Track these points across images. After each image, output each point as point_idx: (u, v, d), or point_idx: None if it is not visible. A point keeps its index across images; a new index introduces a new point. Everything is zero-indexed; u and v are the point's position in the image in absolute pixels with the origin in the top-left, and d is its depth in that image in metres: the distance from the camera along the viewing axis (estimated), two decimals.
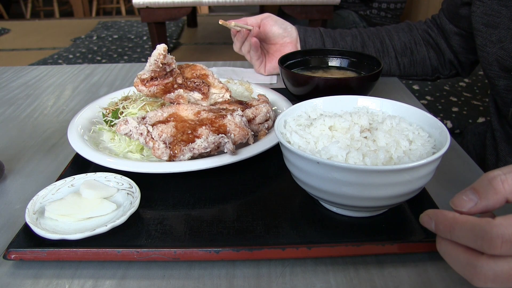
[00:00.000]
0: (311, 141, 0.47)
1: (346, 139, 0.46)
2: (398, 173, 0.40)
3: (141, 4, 2.46)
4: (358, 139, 0.46)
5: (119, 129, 0.57)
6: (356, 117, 0.50)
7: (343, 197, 0.43)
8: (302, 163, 0.43)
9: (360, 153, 0.43)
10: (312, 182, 0.44)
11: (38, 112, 0.83)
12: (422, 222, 0.38)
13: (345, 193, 0.42)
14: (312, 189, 0.45)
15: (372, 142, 0.46)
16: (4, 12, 5.26)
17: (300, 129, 0.49)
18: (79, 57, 3.16)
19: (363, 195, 0.42)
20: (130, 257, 0.43)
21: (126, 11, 5.37)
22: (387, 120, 0.50)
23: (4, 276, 0.43)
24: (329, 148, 0.44)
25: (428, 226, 0.37)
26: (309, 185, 0.45)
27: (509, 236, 0.30)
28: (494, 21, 0.70)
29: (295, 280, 0.42)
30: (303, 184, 0.46)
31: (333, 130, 0.49)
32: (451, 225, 0.34)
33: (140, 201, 0.48)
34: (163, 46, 0.63)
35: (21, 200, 0.55)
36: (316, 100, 0.55)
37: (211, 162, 0.54)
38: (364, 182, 0.40)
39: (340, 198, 0.43)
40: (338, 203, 0.45)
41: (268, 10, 4.80)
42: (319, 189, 0.44)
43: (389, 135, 0.47)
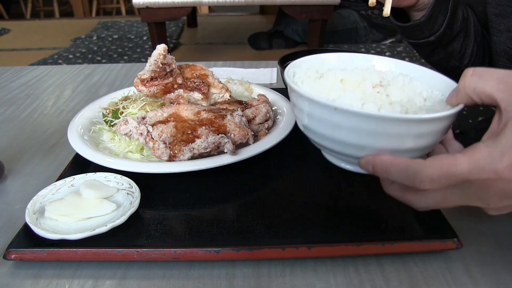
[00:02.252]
0: (323, 92, 0.45)
1: (358, 92, 0.44)
2: (419, 124, 0.38)
3: (141, 4, 2.46)
4: (371, 93, 0.44)
5: (119, 129, 0.57)
6: (367, 73, 0.48)
7: (354, 147, 0.41)
8: (317, 110, 0.41)
9: (376, 105, 0.41)
10: (325, 131, 0.42)
11: (38, 112, 0.83)
12: (361, 165, 0.41)
13: (357, 143, 0.40)
14: (323, 138, 0.43)
15: (385, 97, 0.44)
16: (4, 12, 5.25)
17: (310, 80, 0.48)
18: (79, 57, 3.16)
19: (376, 145, 0.40)
20: (130, 257, 0.43)
21: (126, 11, 5.37)
22: (399, 77, 0.48)
23: (4, 276, 0.43)
24: (343, 98, 0.42)
25: (366, 169, 0.40)
26: (320, 134, 0.43)
27: (436, 176, 0.35)
28: (505, 11, 0.69)
29: (295, 280, 0.42)
30: (313, 133, 0.44)
31: (344, 83, 0.47)
32: (387, 168, 0.38)
33: (140, 201, 0.48)
34: (163, 46, 0.63)
35: (21, 200, 0.55)
36: (325, 55, 0.54)
37: (211, 162, 0.54)
38: (380, 131, 0.38)
39: (351, 148, 0.41)
40: (347, 154, 0.43)
41: (268, 10, 4.80)
42: (331, 139, 0.42)
43: (403, 91, 0.45)
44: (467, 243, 0.46)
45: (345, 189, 0.54)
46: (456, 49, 0.80)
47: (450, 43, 0.78)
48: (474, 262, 0.43)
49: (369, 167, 0.40)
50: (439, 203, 0.38)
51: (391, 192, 0.42)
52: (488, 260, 0.44)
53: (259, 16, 4.86)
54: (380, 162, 0.39)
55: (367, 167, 0.40)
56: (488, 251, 0.45)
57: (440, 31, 0.74)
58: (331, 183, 0.56)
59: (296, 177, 0.57)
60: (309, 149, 0.65)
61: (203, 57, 3.13)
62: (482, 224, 0.49)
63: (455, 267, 0.43)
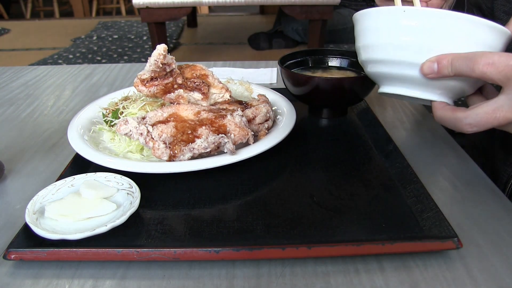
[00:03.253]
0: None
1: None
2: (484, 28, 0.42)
3: (141, 4, 2.46)
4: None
5: (119, 129, 0.57)
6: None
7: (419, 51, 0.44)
8: (385, 19, 0.44)
9: None
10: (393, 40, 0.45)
11: (38, 112, 0.83)
12: (425, 68, 0.45)
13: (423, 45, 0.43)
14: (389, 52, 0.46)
15: None
16: (4, 12, 5.25)
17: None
18: (79, 57, 3.16)
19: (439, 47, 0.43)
20: (130, 257, 0.43)
21: (126, 11, 5.36)
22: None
23: (4, 276, 0.43)
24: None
25: (431, 69, 0.44)
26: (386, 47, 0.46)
27: (494, 60, 0.41)
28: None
29: (295, 280, 0.42)
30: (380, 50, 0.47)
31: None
32: (452, 60, 0.43)
33: (140, 201, 0.48)
34: (163, 46, 0.63)
35: (21, 200, 0.55)
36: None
37: (211, 162, 0.54)
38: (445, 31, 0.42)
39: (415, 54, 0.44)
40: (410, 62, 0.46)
41: (268, 10, 4.80)
42: (397, 46, 0.45)
43: None
44: (467, 243, 0.46)
45: (345, 189, 0.54)
46: None
47: None
48: (474, 262, 0.43)
49: (434, 66, 0.44)
50: (490, 116, 0.43)
51: (441, 114, 0.47)
52: (488, 260, 0.44)
53: (259, 16, 4.86)
54: (444, 55, 0.43)
55: (432, 66, 0.44)
56: (488, 251, 0.45)
57: None
58: (331, 183, 0.56)
59: (296, 177, 0.57)
60: (309, 149, 0.65)
61: (203, 57, 3.13)
62: (482, 224, 0.49)
63: (455, 267, 0.43)
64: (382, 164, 0.60)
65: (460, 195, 0.54)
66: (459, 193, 0.55)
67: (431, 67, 0.44)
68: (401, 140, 0.68)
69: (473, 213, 0.51)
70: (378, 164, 0.60)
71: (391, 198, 0.52)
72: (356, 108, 0.79)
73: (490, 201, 0.53)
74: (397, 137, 0.69)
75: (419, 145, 0.67)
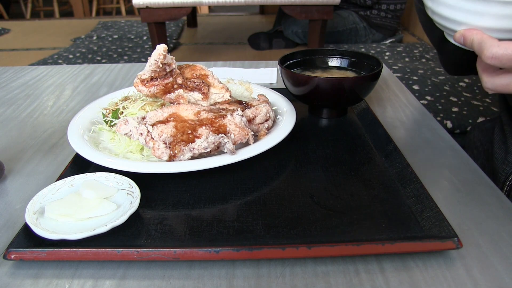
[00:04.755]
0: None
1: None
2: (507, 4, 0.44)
3: (141, 4, 2.46)
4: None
5: (119, 129, 0.57)
6: None
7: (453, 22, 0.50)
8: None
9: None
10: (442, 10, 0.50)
11: (38, 112, 0.84)
12: (456, 38, 0.50)
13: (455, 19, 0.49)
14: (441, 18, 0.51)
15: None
16: (4, 12, 5.25)
17: None
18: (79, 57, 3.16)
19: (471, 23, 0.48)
20: (130, 257, 0.43)
21: (126, 11, 5.36)
22: None
23: (4, 276, 0.43)
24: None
25: (459, 40, 0.50)
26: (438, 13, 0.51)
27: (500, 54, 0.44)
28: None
29: (295, 280, 0.42)
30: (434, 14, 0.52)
31: None
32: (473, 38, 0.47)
33: (140, 201, 0.48)
34: (163, 46, 0.63)
35: (21, 200, 0.55)
36: None
37: (211, 162, 0.54)
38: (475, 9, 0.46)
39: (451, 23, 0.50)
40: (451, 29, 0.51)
41: (268, 10, 4.80)
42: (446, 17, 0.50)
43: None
44: (467, 243, 0.46)
45: (345, 189, 0.54)
46: None
47: None
48: (474, 262, 0.43)
49: (461, 39, 0.49)
50: (504, 87, 0.47)
51: (477, 67, 0.51)
52: (488, 260, 0.44)
53: (259, 16, 4.86)
54: (469, 34, 0.48)
55: (460, 39, 0.49)
56: (488, 251, 0.45)
57: None
58: (331, 183, 0.56)
59: (296, 177, 0.57)
60: (309, 149, 0.65)
61: (203, 57, 3.13)
62: (482, 224, 0.49)
63: (455, 267, 0.43)
64: (382, 164, 0.60)
65: (460, 195, 0.54)
66: (459, 193, 0.55)
67: (460, 39, 0.50)
68: (401, 140, 0.68)
69: (473, 213, 0.51)
70: (378, 164, 0.60)
71: (391, 198, 0.52)
72: (356, 108, 0.79)
73: (490, 201, 0.53)
74: (397, 137, 0.69)
75: (419, 145, 0.67)
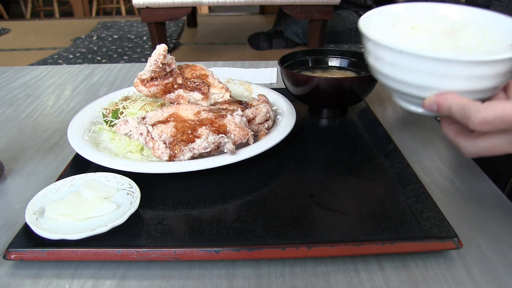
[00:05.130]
0: (393, 38, 0.47)
1: (427, 38, 0.47)
2: (477, 65, 0.40)
3: (141, 4, 2.46)
4: (440, 38, 0.46)
5: (119, 129, 0.57)
6: (439, 21, 0.50)
7: (419, 88, 0.43)
8: (385, 54, 0.43)
9: (444, 50, 0.44)
10: (394, 74, 0.44)
11: (38, 112, 0.83)
12: (425, 106, 0.44)
13: (421, 84, 0.43)
14: (393, 81, 0.46)
15: (453, 42, 0.46)
16: (4, 12, 5.25)
17: (382, 27, 0.50)
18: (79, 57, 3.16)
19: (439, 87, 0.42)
20: (130, 257, 0.43)
21: (126, 11, 5.36)
22: (470, 24, 0.49)
23: (4, 276, 0.43)
24: (411, 42, 0.45)
25: (431, 108, 0.43)
26: (390, 77, 0.45)
27: (490, 118, 0.38)
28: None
29: (295, 280, 0.42)
30: (384, 76, 0.47)
31: (414, 30, 0.49)
32: (450, 104, 0.41)
33: (140, 201, 0.48)
34: (163, 46, 0.63)
35: (21, 200, 0.55)
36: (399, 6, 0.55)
37: (211, 162, 0.54)
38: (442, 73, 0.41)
39: (416, 89, 0.44)
40: (413, 95, 0.45)
41: (268, 10, 4.80)
42: (399, 81, 0.45)
43: (472, 37, 0.46)
44: (467, 243, 0.46)
45: (345, 189, 0.54)
46: None
47: None
48: (474, 262, 0.43)
49: (434, 106, 0.43)
50: (489, 149, 0.41)
51: (446, 132, 0.45)
52: (488, 260, 0.44)
53: (259, 16, 4.86)
54: (444, 100, 0.42)
55: (432, 106, 0.43)
56: (488, 251, 0.45)
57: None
58: (331, 183, 0.56)
59: (296, 177, 0.57)
60: (309, 149, 0.65)
61: (203, 57, 3.13)
62: (482, 224, 0.49)
63: (455, 267, 0.43)
64: (382, 164, 0.60)
65: (460, 195, 0.54)
66: (459, 193, 0.55)
67: (432, 106, 0.43)
68: (401, 140, 0.68)
69: (473, 213, 0.51)
70: (378, 164, 0.60)
71: (391, 198, 0.52)
72: (356, 108, 0.79)
73: (490, 201, 0.53)
74: (397, 137, 0.69)
75: (419, 145, 0.67)
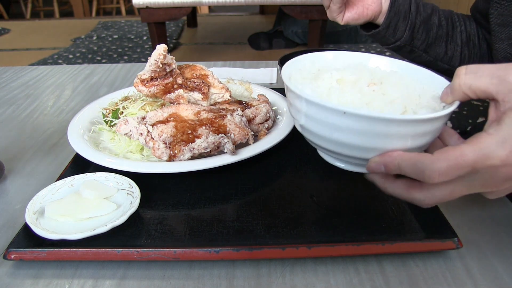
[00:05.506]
0: (323, 94, 0.45)
1: (355, 92, 0.45)
2: (426, 122, 0.39)
3: (141, 4, 2.46)
4: (367, 92, 0.45)
5: (119, 129, 0.57)
6: (360, 71, 0.49)
7: (360, 149, 0.41)
8: (325, 115, 0.41)
9: (379, 105, 0.42)
10: (330, 134, 0.42)
11: (38, 112, 0.84)
12: (371, 169, 0.41)
13: (364, 145, 0.41)
14: (324, 140, 0.43)
15: (382, 95, 0.45)
16: (4, 12, 5.25)
17: (307, 81, 0.48)
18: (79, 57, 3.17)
19: (382, 146, 0.40)
20: (130, 257, 0.43)
21: (126, 11, 5.36)
22: (391, 75, 0.49)
23: (4, 276, 0.43)
24: (344, 99, 0.43)
25: (378, 170, 0.41)
26: (322, 136, 0.43)
27: (444, 169, 0.36)
28: (507, 20, 0.72)
29: (295, 280, 0.42)
30: (313, 134, 0.44)
31: (340, 83, 0.48)
32: (398, 163, 0.39)
33: (140, 201, 0.48)
34: (163, 46, 0.63)
35: (21, 200, 0.55)
36: (316, 54, 0.54)
37: (211, 162, 0.54)
38: (390, 133, 0.39)
39: (356, 150, 0.42)
40: (350, 156, 0.43)
41: (268, 10, 4.80)
42: (335, 141, 0.42)
43: (397, 89, 0.46)
44: (467, 243, 0.46)
45: (345, 189, 0.54)
46: (440, 53, 0.85)
47: (430, 48, 0.83)
48: (474, 262, 0.43)
49: (381, 167, 0.41)
50: (447, 196, 0.39)
51: (393, 191, 0.42)
52: (488, 260, 0.44)
53: (259, 16, 4.86)
54: (391, 159, 0.40)
55: (378, 167, 0.41)
56: (488, 251, 0.45)
57: (405, 36, 0.80)
58: (331, 183, 0.56)
59: (296, 177, 0.57)
60: (309, 149, 0.65)
61: (203, 57, 3.13)
62: (482, 224, 0.49)
63: (455, 267, 0.43)
64: None
65: None
66: None
67: (378, 168, 0.41)
68: None
69: (473, 213, 0.51)
70: None
71: (391, 198, 0.52)
72: None
73: (490, 201, 0.53)
74: None
75: None
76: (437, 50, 0.84)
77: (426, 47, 0.83)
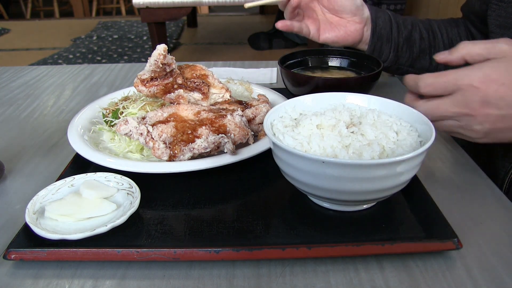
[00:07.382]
0: (304, 142, 0.47)
1: (335, 136, 0.47)
2: (401, 163, 0.42)
3: (141, 4, 2.46)
4: (346, 134, 0.47)
5: (119, 129, 0.57)
6: (339, 114, 0.51)
7: (343, 192, 0.44)
8: (305, 164, 0.43)
9: (357, 148, 0.45)
10: (314, 182, 0.44)
11: (38, 112, 0.84)
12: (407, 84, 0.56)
13: (345, 189, 0.43)
14: (310, 187, 0.45)
15: (361, 136, 0.47)
16: (4, 12, 5.26)
17: (288, 130, 0.50)
18: (79, 57, 3.17)
19: (365, 189, 0.43)
20: (130, 257, 0.43)
21: (126, 11, 5.37)
22: (369, 113, 0.51)
23: (4, 276, 0.43)
24: (326, 144, 0.45)
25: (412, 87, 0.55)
26: (307, 184, 0.45)
27: (430, 81, 0.52)
28: (506, 22, 0.73)
29: (295, 280, 0.42)
30: (299, 183, 0.47)
31: (320, 128, 0.49)
32: (414, 78, 0.54)
33: (140, 201, 0.48)
34: (163, 46, 0.63)
35: (21, 200, 0.55)
36: (296, 100, 0.56)
37: (211, 162, 0.54)
38: (370, 176, 0.42)
39: (340, 194, 0.44)
40: (335, 199, 0.46)
41: (268, 10, 4.80)
42: (321, 188, 0.44)
43: (375, 128, 0.48)
44: (467, 243, 0.46)
45: None
46: (425, 65, 0.87)
47: (415, 62, 0.86)
48: (474, 262, 0.43)
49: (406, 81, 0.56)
50: (435, 107, 0.52)
51: (407, 101, 0.56)
52: (488, 260, 0.44)
53: (259, 16, 4.86)
54: (407, 79, 0.56)
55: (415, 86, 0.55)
56: (488, 251, 0.45)
57: (390, 57, 0.84)
58: None
59: None
60: None
61: (203, 57, 3.14)
62: (482, 224, 0.49)
63: (455, 267, 0.43)
64: None
65: (460, 195, 0.54)
66: (459, 193, 0.55)
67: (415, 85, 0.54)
68: None
69: (473, 213, 0.51)
70: None
71: (391, 198, 0.52)
72: None
73: (490, 201, 0.53)
74: None
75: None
76: (422, 63, 0.87)
77: (411, 63, 0.86)
